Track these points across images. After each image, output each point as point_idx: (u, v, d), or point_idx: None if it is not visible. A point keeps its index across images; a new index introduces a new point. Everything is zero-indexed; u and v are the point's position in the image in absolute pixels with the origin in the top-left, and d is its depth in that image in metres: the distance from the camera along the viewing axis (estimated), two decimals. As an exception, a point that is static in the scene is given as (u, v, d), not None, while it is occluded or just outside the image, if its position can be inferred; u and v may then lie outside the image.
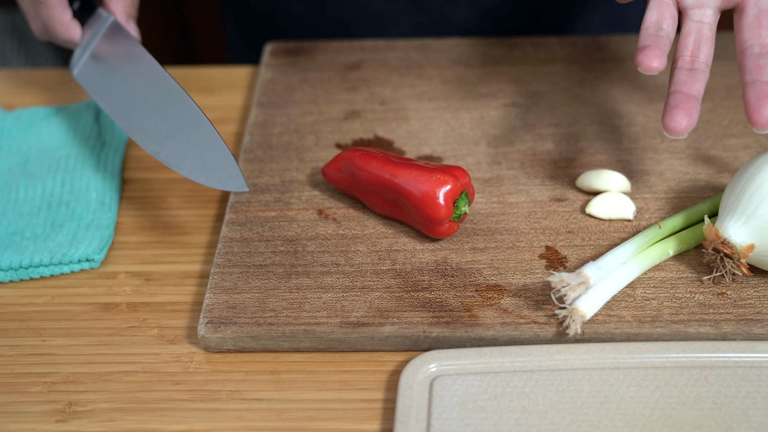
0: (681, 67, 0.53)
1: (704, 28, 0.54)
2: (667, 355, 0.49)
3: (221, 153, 0.56)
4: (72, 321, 0.55)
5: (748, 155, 0.62)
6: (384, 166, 0.56)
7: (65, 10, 0.61)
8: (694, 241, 0.55)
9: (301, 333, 0.51)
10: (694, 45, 0.54)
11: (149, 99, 0.59)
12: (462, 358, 0.50)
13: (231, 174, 0.56)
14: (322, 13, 0.81)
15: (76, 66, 0.63)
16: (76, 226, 0.60)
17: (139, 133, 0.59)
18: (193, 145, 0.57)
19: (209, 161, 0.56)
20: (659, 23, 0.54)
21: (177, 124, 0.58)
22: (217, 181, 0.56)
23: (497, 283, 0.53)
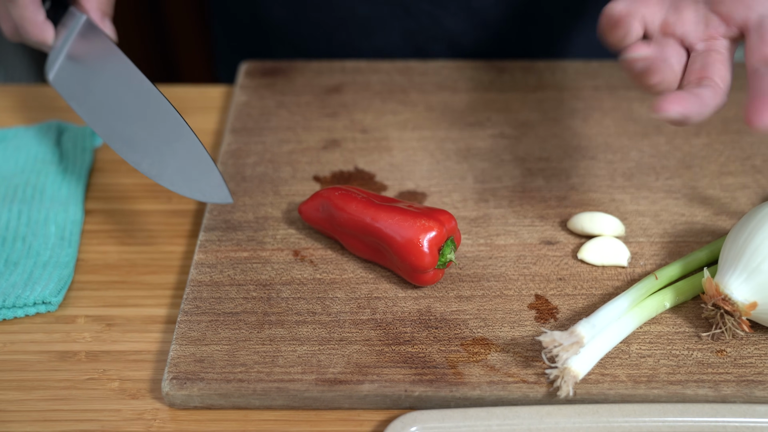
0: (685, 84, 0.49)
1: (712, 54, 0.50)
2: (663, 419, 0.46)
3: (203, 162, 0.52)
4: (25, 372, 0.50)
5: (746, 196, 0.59)
6: (365, 208, 0.52)
7: (38, 10, 0.56)
8: (692, 292, 0.52)
9: (273, 391, 0.48)
10: (701, 67, 0.49)
11: (127, 104, 0.55)
12: (446, 420, 0.46)
13: (214, 184, 0.52)
14: (305, 18, 0.78)
15: (51, 70, 0.58)
16: (32, 264, 0.56)
17: (118, 142, 0.55)
18: (173, 154, 0.53)
19: (191, 171, 0.53)
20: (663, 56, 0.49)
21: (156, 131, 0.54)
22: (199, 193, 0.53)
23: (484, 337, 0.50)
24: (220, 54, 0.91)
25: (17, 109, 0.70)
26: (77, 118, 0.68)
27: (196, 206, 0.61)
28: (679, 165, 0.62)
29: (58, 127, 0.66)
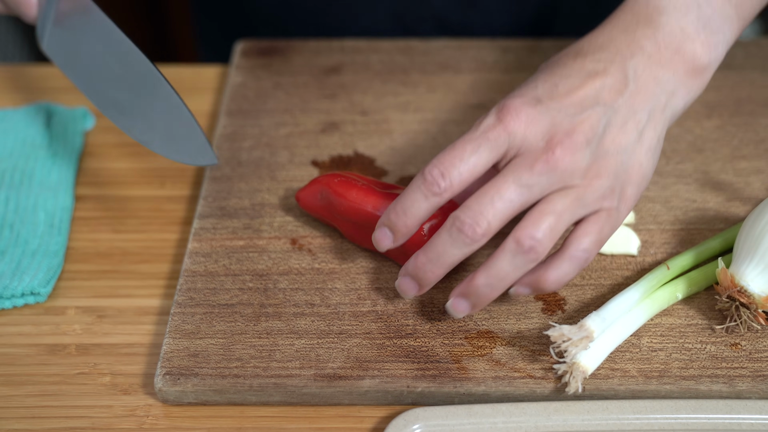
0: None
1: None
2: (676, 415, 0.45)
3: (186, 123, 0.50)
4: (13, 366, 0.49)
5: (760, 180, 0.57)
6: (366, 196, 0.50)
7: None
8: (705, 282, 0.50)
9: (270, 386, 0.46)
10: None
11: (113, 68, 0.53)
12: (450, 417, 0.45)
13: (198, 146, 0.50)
14: (290, 3, 0.75)
15: (43, 38, 0.55)
16: (20, 253, 0.54)
17: (109, 108, 0.53)
18: (157, 116, 0.51)
19: (176, 133, 0.51)
20: None
21: (139, 92, 0.52)
22: (186, 155, 0.51)
23: (489, 329, 0.48)
24: (203, 36, 0.88)
25: (4, 90, 0.68)
26: (67, 100, 0.66)
27: (190, 192, 0.59)
28: (690, 148, 0.60)
29: (48, 109, 0.64)
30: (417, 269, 0.45)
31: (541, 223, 0.44)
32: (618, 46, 0.47)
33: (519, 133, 0.44)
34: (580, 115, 0.45)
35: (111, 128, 0.64)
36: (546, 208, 0.44)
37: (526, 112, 0.44)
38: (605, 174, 0.45)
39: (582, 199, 0.45)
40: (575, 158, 0.44)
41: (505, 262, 0.44)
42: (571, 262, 0.44)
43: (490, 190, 0.44)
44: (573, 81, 0.46)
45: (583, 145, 0.44)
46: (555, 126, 0.45)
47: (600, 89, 0.46)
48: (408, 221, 0.45)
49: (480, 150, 0.44)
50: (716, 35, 0.48)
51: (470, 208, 0.44)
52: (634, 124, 0.46)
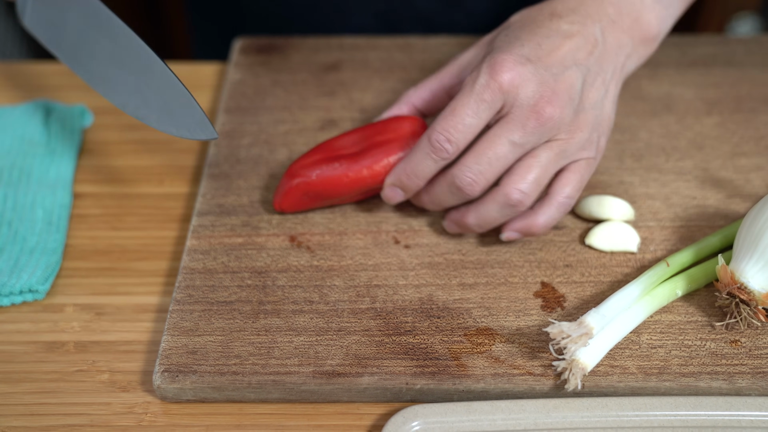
0: None
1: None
2: (675, 412, 0.45)
3: (184, 99, 0.50)
4: (11, 363, 0.48)
5: (760, 177, 0.57)
6: (358, 177, 0.52)
7: None
8: (705, 279, 0.50)
9: (269, 384, 0.46)
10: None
11: (101, 44, 0.52)
12: (449, 414, 0.44)
13: (197, 120, 0.50)
14: (277, 1, 0.75)
15: (24, 13, 0.54)
16: (18, 250, 0.53)
17: (103, 86, 0.52)
18: (154, 93, 0.51)
19: (173, 108, 0.50)
20: None
21: (133, 70, 0.51)
22: (185, 130, 0.50)
23: (488, 326, 0.48)
24: (196, 34, 0.88)
25: (3, 87, 0.67)
26: (66, 98, 0.66)
27: (189, 189, 0.59)
28: (690, 145, 0.60)
29: (46, 106, 0.64)
30: (418, 203, 0.52)
31: (528, 176, 0.48)
32: (588, 10, 0.51)
33: (512, 91, 0.48)
34: (563, 75, 0.49)
35: (109, 125, 0.64)
36: (532, 162, 0.48)
37: (518, 71, 0.48)
38: (584, 127, 0.49)
39: (565, 151, 0.49)
40: (562, 114, 0.48)
41: (494, 211, 0.49)
42: (558, 208, 0.50)
43: (488, 150, 0.48)
44: (553, 41, 0.49)
45: (567, 102, 0.48)
46: (542, 84, 0.48)
47: (576, 50, 0.49)
48: (419, 182, 0.50)
49: (479, 112, 0.48)
50: (667, 10, 0.54)
51: (469, 167, 0.48)
52: (602, 81, 0.50)
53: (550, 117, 0.48)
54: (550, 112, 0.47)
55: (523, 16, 0.52)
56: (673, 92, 0.64)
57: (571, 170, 0.50)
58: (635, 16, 0.52)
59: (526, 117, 0.47)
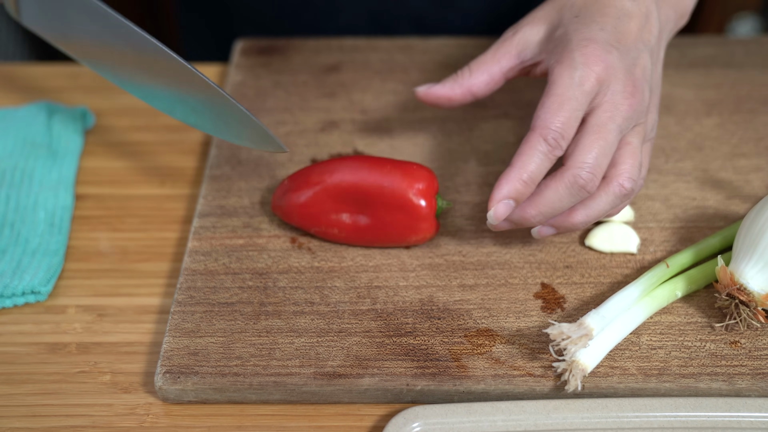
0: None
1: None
2: (675, 413, 0.45)
3: (242, 116, 0.49)
4: (13, 365, 0.49)
5: (759, 178, 0.57)
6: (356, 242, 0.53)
7: None
8: (704, 280, 0.50)
9: (270, 385, 0.46)
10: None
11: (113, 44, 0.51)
12: (449, 415, 0.45)
13: (260, 134, 0.49)
14: (269, 1, 0.75)
15: (22, 12, 0.53)
16: (20, 251, 0.54)
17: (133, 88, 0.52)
18: (201, 103, 0.50)
19: (225, 116, 0.50)
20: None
21: (159, 73, 0.50)
22: (249, 141, 0.50)
23: (488, 327, 0.48)
24: (185, 33, 0.88)
25: (5, 89, 0.68)
26: (67, 99, 0.66)
27: (190, 191, 0.59)
28: (689, 146, 0.60)
29: (48, 108, 0.64)
30: (523, 219, 0.48)
31: (634, 163, 0.48)
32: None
33: (605, 82, 0.48)
34: (639, 58, 0.50)
35: (111, 127, 0.64)
36: (630, 150, 0.49)
37: (608, 60, 0.48)
38: (653, 108, 0.51)
39: (646, 133, 0.51)
40: (645, 98, 0.49)
41: (606, 204, 0.48)
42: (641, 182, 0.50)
43: (600, 141, 0.47)
44: (624, 23, 0.50)
45: (645, 86, 0.50)
46: (627, 71, 0.49)
47: (642, 29, 0.50)
48: (533, 187, 0.47)
49: (583, 104, 0.48)
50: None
51: (587, 163, 0.47)
52: (658, 59, 0.52)
53: (640, 102, 0.48)
54: (639, 98, 0.48)
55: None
56: (672, 93, 0.64)
57: (644, 151, 0.51)
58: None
59: (620, 104, 0.48)
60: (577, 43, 0.48)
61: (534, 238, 0.52)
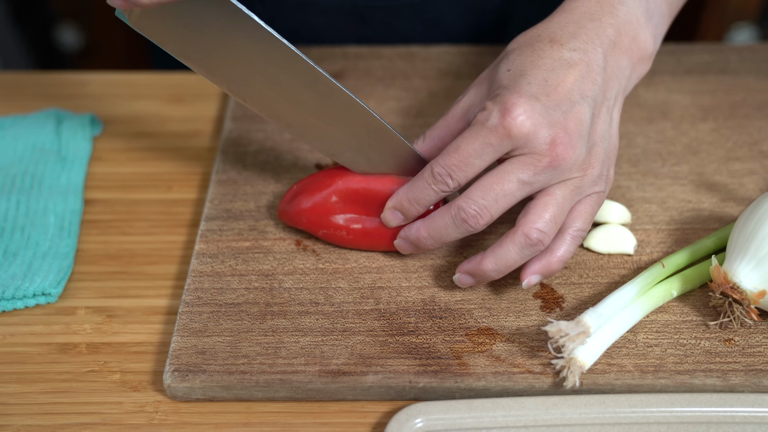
0: None
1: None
2: (671, 409, 0.46)
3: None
4: (25, 364, 0.50)
5: (753, 182, 0.58)
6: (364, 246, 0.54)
7: None
8: (699, 280, 0.51)
9: (276, 382, 0.47)
10: None
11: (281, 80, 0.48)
12: (451, 411, 0.46)
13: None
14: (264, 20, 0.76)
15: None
16: (31, 254, 0.55)
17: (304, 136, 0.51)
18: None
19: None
20: None
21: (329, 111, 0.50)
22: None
23: (489, 326, 0.50)
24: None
25: (15, 96, 0.69)
26: (76, 106, 0.68)
27: (197, 195, 0.60)
28: (685, 151, 0.61)
29: (57, 115, 0.66)
30: (418, 240, 0.50)
31: (545, 215, 0.48)
32: (588, 34, 0.50)
33: (522, 137, 0.47)
34: (571, 111, 0.48)
35: (119, 133, 0.66)
36: (549, 200, 0.48)
37: (529, 116, 0.46)
38: (596, 163, 0.49)
39: (579, 188, 0.49)
40: (575, 154, 0.48)
41: (514, 253, 0.48)
42: (572, 242, 0.49)
43: (495, 186, 0.48)
44: (558, 74, 0.48)
45: (579, 141, 0.48)
46: (554, 125, 0.47)
47: (581, 80, 0.48)
48: (419, 209, 0.51)
49: (484, 155, 0.48)
50: (658, 27, 0.53)
51: (475, 201, 0.48)
52: (606, 109, 0.50)
53: (564, 158, 0.47)
54: (562, 154, 0.47)
55: (521, 44, 0.50)
56: (669, 99, 0.65)
57: (583, 204, 0.50)
58: (633, 35, 0.51)
59: (538, 159, 0.47)
60: (500, 96, 0.47)
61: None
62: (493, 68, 0.52)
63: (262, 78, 0.48)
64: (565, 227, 0.49)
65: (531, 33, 0.51)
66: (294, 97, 0.49)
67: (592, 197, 0.50)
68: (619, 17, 0.51)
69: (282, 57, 0.47)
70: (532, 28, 0.51)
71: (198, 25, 0.46)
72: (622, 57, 0.51)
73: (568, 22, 0.50)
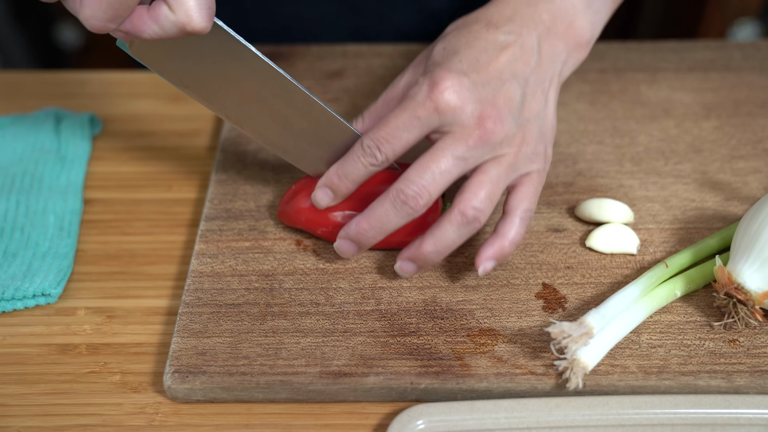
0: None
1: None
2: (675, 410, 0.45)
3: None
4: (25, 365, 0.50)
5: (757, 180, 0.58)
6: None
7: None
8: (703, 280, 0.51)
9: (277, 384, 0.47)
10: None
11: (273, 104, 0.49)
12: (453, 413, 0.45)
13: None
14: (246, 26, 0.75)
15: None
16: (31, 255, 0.55)
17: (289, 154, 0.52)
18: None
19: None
20: None
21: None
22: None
23: (491, 327, 0.49)
24: None
25: (14, 95, 0.69)
26: (75, 106, 0.67)
27: (197, 195, 0.60)
28: (688, 149, 0.61)
29: (57, 114, 0.65)
30: (359, 234, 0.49)
31: (480, 192, 0.48)
32: (523, 18, 0.51)
33: (449, 111, 0.47)
34: (501, 88, 0.48)
35: (118, 133, 0.65)
36: (483, 178, 0.48)
37: (455, 90, 0.47)
38: (530, 140, 0.50)
39: (513, 164, 0.49)
40: (504, 129, 0.48)
41: (452, 232, 0.48)
42: (521, 223, 0.49)
43: (431, 164, 0.48)
44: (490, 54, 0.49)
45: (508, 117, 0.48)
46: (482, 101, 0.48)
47: (513, 61, 0.49)
48: (349, 184, 0.50)
49: (411, 128, 0.48)
50: (596, 15, 0.53)
51: (412, 181, 0.48)
52: (542, 91, 0.51)
53: (492, 132, 0.48)
54: (491, 128, 0.48)
55: (459, 26, 0.51)
56: (671, 97, 0.65)
57: (524, 183, 0.50)
58: (569, 21, 0.52)
59: (468, 134, 0.47)
60: (430, 72, 0.48)
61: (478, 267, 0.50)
62: (430, 48, 0.52)
63: (259, 106, 0.49)
64: (512, 210, 0.49)
65: (470, 17, 0.52)
66: (290, 125, 0.51)
67: (531, 176, 0.50)
68: (556, 3, 0.52)
69: (279, 86, 0.48)
70: (472, 13, 0.53)
71: (197, 55, 0.47)
72: (558, 42, 0.51)
73: (505, 6, 0.52)
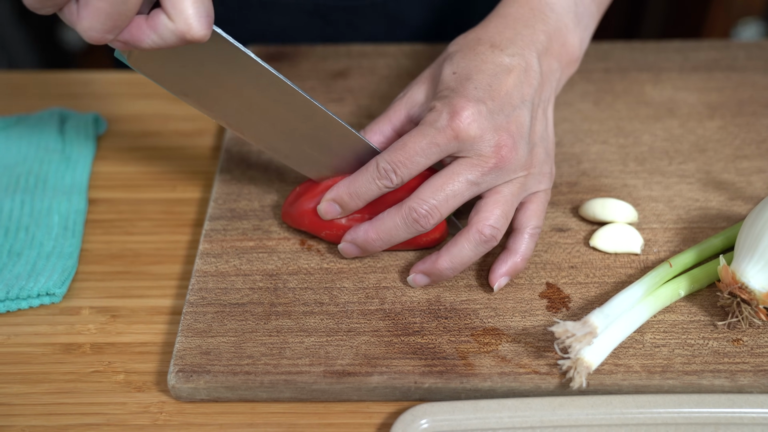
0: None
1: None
2: (679, 410, 0.45)
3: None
4: (29, 365, 0.50)
5: (761, 180, 0.58)
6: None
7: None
8: (707, 280, 0.51)
9: (281, 383, 0.47)
10: None
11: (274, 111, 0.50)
12: (456, 412, 0.45)
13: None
14: (238, 20, 0.75)
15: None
16: (35, 254, 0.55)
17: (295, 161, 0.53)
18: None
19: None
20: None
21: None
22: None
23: (495, 327, 0.49)
24: None
25: (18, 96, 0.69)
26: (80, 106, 0.67)
27: (201, 195, 0.60)
28: (692, 149, 0.61)
29: (61, 114, 0.65)
30: (366, 242, 0.51)
31: (496, 211, 0.50)
32: (524, 40, 0.52)
33: (469, 140, 0.49)
34: (513, 114, 0.50)
35: (123, 133, 0.65)
36: (498, 198, 0.50)
37: (475, 119, 0.49)
38: (537, 162, 0.52)
39: (524, 186, 0.51)
40: (518, 156, 0.50)
41: (469, 250, 0.50)
42: (531, 240, 0.52)
43: (445, 186, 0.49)
44: (501, 79, 0.50)
45: (521, 142, 0.50)
46: (498, 129, 0.49)
47: (520, 84, 0.51)
48: (359, 203, 0.51)
49: (430, 154, 0.49)
50: (585, 31, 0.56)
51: (425, 201, 0.49)
52: (542, 111, 0.53)
53: (507, 160, 0.49)
54: (507, 156, 0.49)
55: (463, 47, 0.52)
56: (675, 97, 0.65)
57: (533, 202, 0.52)
58: (562, 40, 0.54)
59: (485, 161, 0.49)
60: (448, 99, 0.49)
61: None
62: (436, 68, 0.54)
63: (260, 112, 0.50)
64: (522, 227, 0.51)
65: (471, 36, 0.53)
66: (291, 130, 0.51)
67: (539, 195, 0.52)
68: (550, 24, 0.53)
69: (279, 92, 0.48)
70: (471, 31, 0.54)
71: (196, 64, 0.47)
72: (553, 61, 0.53)
73: (505, 27, 0.53)
